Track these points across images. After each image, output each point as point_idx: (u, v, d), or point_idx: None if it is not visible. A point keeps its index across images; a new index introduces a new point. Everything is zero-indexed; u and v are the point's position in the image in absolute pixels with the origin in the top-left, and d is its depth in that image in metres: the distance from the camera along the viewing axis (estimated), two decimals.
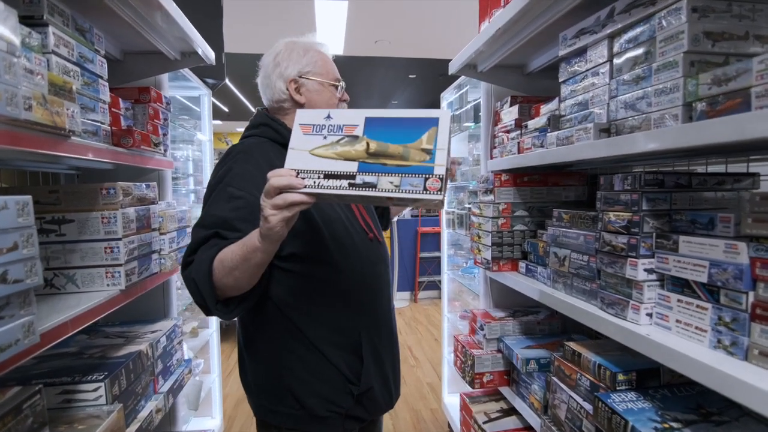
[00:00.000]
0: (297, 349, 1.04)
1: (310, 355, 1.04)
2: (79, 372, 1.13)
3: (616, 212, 1.00)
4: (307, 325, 1.04)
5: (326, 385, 1.05)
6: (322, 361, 1.04)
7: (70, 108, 0.92)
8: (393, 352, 1.18)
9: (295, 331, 1.04)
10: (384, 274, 1.16)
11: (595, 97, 1.06)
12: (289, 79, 1.10)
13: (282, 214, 0.76)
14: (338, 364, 1.05)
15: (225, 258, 0.87)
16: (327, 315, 1.05)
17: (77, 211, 1.15)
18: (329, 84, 1.12)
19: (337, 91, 1.14)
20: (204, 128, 2.37)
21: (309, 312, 1.04)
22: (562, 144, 1.15)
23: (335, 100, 1.13)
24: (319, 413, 1.04)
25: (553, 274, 1.28)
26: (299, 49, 1.12)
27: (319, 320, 1.04)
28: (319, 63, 1.12)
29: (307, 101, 1.11)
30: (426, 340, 4.16)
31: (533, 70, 1.62)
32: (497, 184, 1.50)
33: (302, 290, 1.03)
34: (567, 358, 1.21)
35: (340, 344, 1.06)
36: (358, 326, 1.07)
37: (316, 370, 1.04)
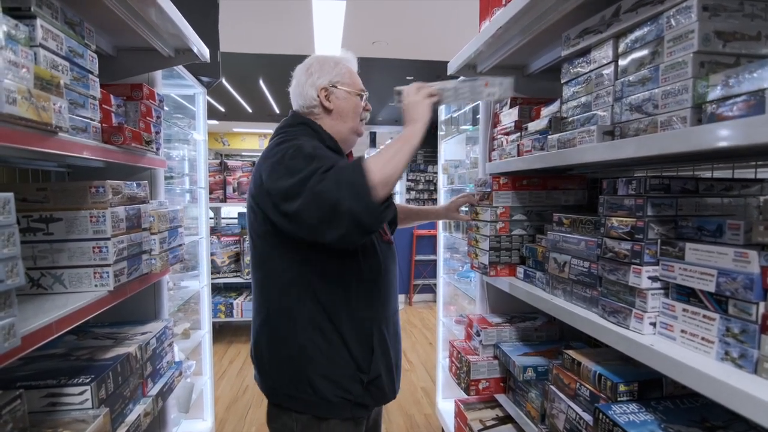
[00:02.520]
0: (321, 333, 1.12)
1: (331, 341, 1.12)
2: (65, 374, 1.09)
3: (620, 218, 0.97)
4: (335, 311, 1.12)
5: (340, 371, 1.13)
6: (341, 347, 1.13)
7: (57, 103, 0.89)
8: (397, 346, 1.28)
9: (322, 316, 1.12)
10: (395, 273, 1.27)
11: (599, 98, 1.04)
12: (320, 88, 1.21)
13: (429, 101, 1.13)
14: (354, 352, 1.14)
15: (379, 157, 1.01)
16: (352, 304, 1.14)
17: (65, 209, 1.11)
18: (355, 93, 1.24)
19: (361, 100, 1.26)
20: (198, 127, 2.34)
21: (337, 300, 1.13)
22: (564, 147, 1.12)
23: (360, 108, 1.26)
24: (331, 399, 1.12)
25: (553, 280, 1.26)
26: (331, 62, 1.25)
27: (345, 308, 1.13)
28: (347, 75, 1.25)
29: (335, 108, 1.23)
30: (420, 343, 4.13)
31: (533, 71, 1.60)
32: (496, 187, 1.48)
33: (336, 278, 1.12)
34: (566, 366, 1.18)
35: (357, 333, 1.14)
36: (372, 318, 1.17)
37: (333, 355, 1.12)
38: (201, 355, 2.44)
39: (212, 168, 3.91)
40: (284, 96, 6.73)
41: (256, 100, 8.27)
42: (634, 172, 1.43)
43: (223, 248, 3.98)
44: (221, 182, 3.98)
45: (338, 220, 0.95)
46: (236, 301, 4.07)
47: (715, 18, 0.79)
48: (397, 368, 1.26)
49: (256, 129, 11.81)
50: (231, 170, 4.00)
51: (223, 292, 4.37)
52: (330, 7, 4.05)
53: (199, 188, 2.46)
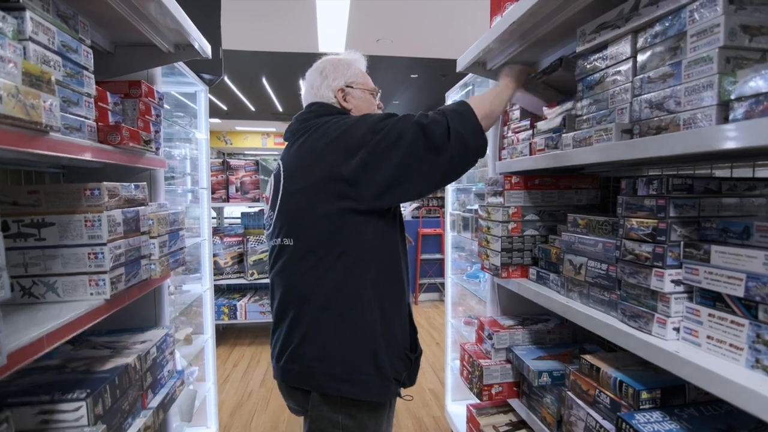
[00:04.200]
0: (383, 312, 1.16)
1: (390, 320, 1.17)
2: (59, 389, 1.04)
3: (640, 219, 0.92)
4: (393, 291, 1.18)
5: (395, 350, 1.18)
6: (397, 325, 1.19)
7: (48, 101, 0.84)
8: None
9: (384, 296, 1.16)
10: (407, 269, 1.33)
11: (616, 95, 0.98)
12: (337, 89, 1.25)
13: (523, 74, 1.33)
14: (405, 330, 1.22)
15: (480, 97, 1.19)
16: (401, 285, 1.21)
17: (59, 213, 1.06)
18: (370, 92, 1.29)
19: (375, 98, 1.31)
20: (200, 125, 2.30)
21: (394, 280, 1.19)
22: (580, 145, 1.07)
23: (374, 106, 1.30)
24: (389, 377, 1.15)
25: (568, 283, 1.20)
26: (344, 63, 1.28)
27: (393, 287, 1.19)
28: (360, 75, 1.29)
29: (354, 107, 1.26)
30: (427, 344, 4.08)
31: None
32: (507, 186, 1.43)
33: (386, 259, 1.18)
34: (584, 372, 1.13)
35: (402, 313, 1.22)
36: (407, 300, 1.26)
37: (391, 334, 1.17)
38: (204, 360, 2.40)
39: (215, 167, 3.87)
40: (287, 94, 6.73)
41: (259, 99, 8.24)
42: (646, 170, 1.38)
43: (226, 249, 3.94)
44: (224, 182, 3.95)
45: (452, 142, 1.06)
46: (240, 303, 4.03)
47: (741, 12, 0.74)
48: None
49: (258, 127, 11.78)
50: (234, 169, 3.96)
51: (226, 293, 4.33)
52: (334, 5, 4.00)
53: (201, 189, 2.42)
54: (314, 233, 1.13)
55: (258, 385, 3.28)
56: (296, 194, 1.15)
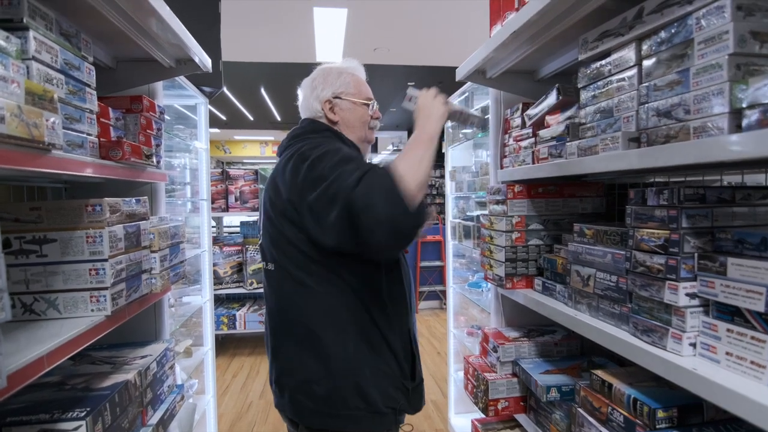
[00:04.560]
0: (369, 342, 1.10)
1: (380, 350, 1.11)
2: (59, 407, 1.02)
3: (650, 229, 0.91)
4: (382, 318, 1.12)
5: (387, 380, 1.12)
6: (389, 355, 1.12)
7: (50, 119, 0.83)
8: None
9: (370, 324, 1.11)
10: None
11: (622, 103, 0.98)
12: (324, 101, 1.20)
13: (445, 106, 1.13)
14: (400, 359, 1.14)
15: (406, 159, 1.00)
16: (395, 310, 1.14)
17: (60, 229, 1.05)
18: (361, 103, 1.22)
19: (369, 109, 1.24)
20: (200, 137, 2.29)
21: (384, 307, 1.12)
22: (585, 154, 1.06)
23: (368, 117, 1.24)
24: (382, 409, 1.10)
25: (575, 294, 1.19)
26: (334, 72, 1.23)
27: (390, 314, 1.13)
28: (351, 84, 1.22)
29: (341, 119, 1.21)
30: (428, 353, 4.04)
31: (544, 76, 1.55)
32: (510, 195, 1.42)
33: (381, 285, 1.12)
34: (595, 388, 1.11)
35: (401, 340, 1.16)
36: (409, 323, 1.19)
37: (381, 364, 1.11)
38: (204, 372, 2.38)
39: (214, 177, 3.86)
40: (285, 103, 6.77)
41: (258, 108, 8.26)
42: (651, 177, 1.37)
43: (225, 258, 3.91)
44: (223, 191, 3.93)
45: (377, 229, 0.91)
46: (239, 313, 4.00)
47: (750, 18, 0.74)
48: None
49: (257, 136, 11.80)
50: (233, 179, 3.95)
51: (225, 303, 4.30)
52: (331, 15, 4.02)
53: (201, 200, 2.41)
54: (288, 258, 1.11)
55: (258, 397, 3.24)
56: (270, 218, 1.15)
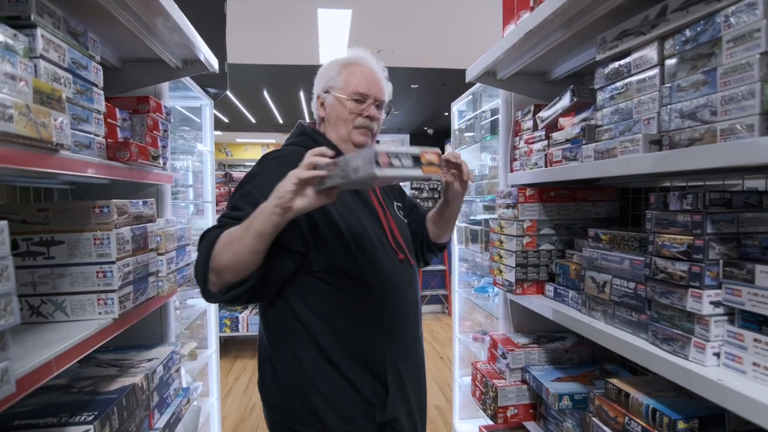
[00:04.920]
0: (318, 363, 1.03)
1: (329, 372, 1.03)
2: (66, 410, 1.01)
3: (672, 235, 0.89)
4: (326, 339, 1.03)
5: (347, 405, 1.03)
6: (340, 379, 1.03)
7: (58, 119, 0.81)
8: (419, 384, 1.15)
9: (314, 344, 1.03)
10: (413, 298, 1.13)
11: (642, 104, 0.96)
12: (316, 96, 1.16)
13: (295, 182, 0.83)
14: (359, 386, 1.04)
15: (228, 233, 0.91)
16: (349, 333, 1.03)
17: (68, 231, 1.03)
18: (346, 98, 1.11)
19: (356, 105, 1.11)
20: (205, 139, 2.27)
21: (330, 326, 1.03)
22: (602, 157, 1.04)
23: (346, 114, 1.11)
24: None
25: (590, 301, 1.17)
26: (333, 65, 1.15)
27: (339, 336, 1.03)
28: (342, 78, 1.12)
29: (327, 115, 1.14)
30: (431, 358, 4.02)
31: (556, 77, 1.53)
32: (521, 199, 1.40)
33: (327, 303, 1.03)
34: (611, 397, 1.08)
35: (363, 366, 1.04)
36: (383, 351, 1.06)
37: (337, 387, 1.03)
38: (208, 375, 2.35)
39: (217, 180, 3.86)
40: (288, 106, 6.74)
41: (260, 111, 8.25)
42: (669, 181, 1.35)
43: None
44: (226, 194, 3.93)
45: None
46: (242, 315, 3.99)
47: None
48: (421, 410, 1.14)
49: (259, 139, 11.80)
50: (236, 181, 3.94)
51: (227, 305, 4.28)
52: (335, 16, 4.01)
53: (205, 202, 2.39)
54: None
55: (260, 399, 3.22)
56: None
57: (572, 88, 1.22)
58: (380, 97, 1.14)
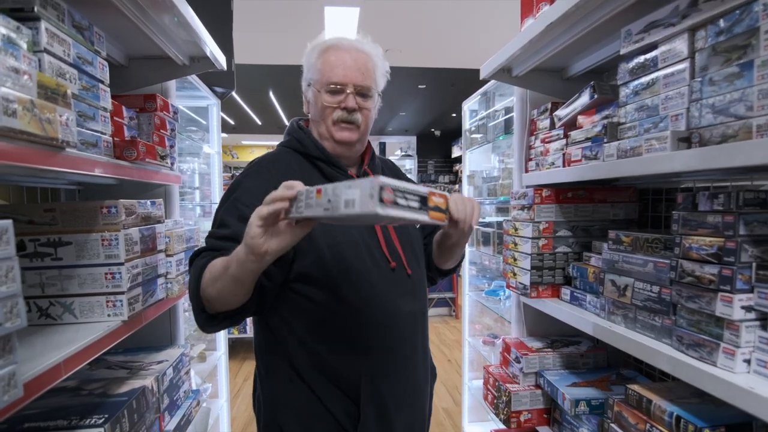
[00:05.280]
0: (290, 378, 0.96)
1: (300, 388, 0.95)
2: (76, 413, 0.99)
3: (701, 237, 0.85)
4: (299, 354, 0.95)
5: (318, 425, 0.94)
6: (311, 397, 0.94)
7: (64, 115, 0.79)
8: (413, 413, 0.99)
9: (287, 358, 0.96)
10: (408, 310, 0.98)
11: (669, 100, 0.91)
12: (303, 90, 1.06)
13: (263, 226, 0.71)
14: (331, 406, 0.94)
15: (213, 267, 0.83)
16: (322, 348, 0.94)
17: (75, 232, 1.01)
18: (321, 91, 0.99)
19: (332, 97, 0.98)
20: (212, 140, 2.25)
21: (301, 340, 0.95)
22: (626, 156, 1.00)
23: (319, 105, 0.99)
24: None
25: (610, 305, 1.13)
26: (313, 52, 1.03)
27: (310, 351, 0.94)
28: (318, 67, 1.00)
29: (310, 112, 1.06)
30: (438, 360, 3.98)
31: (574, 74, 1.48)
32: (537, 200, 1.36)
33: (299, 315, 0.94)
34: (631, 403, 1.04)
35: (336, 384, 0.94)
36: (357, 369, 0.93)
37: (306, 405, 0.95)
38: (217, 377, 2.34)
39: (224, 182, 3.84)
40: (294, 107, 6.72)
41: (266, 112, 8.24)
42: (691, 182, 1.30)
43: None
44: None
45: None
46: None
47: None
48: None
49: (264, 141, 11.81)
50: None
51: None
52: (343, 14, 3.99)
53: (213, 204, 2.37)
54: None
55: None
56: None
57: (593, 85, 1.18)
58: (362, 82, 0.97)
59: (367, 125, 1.03)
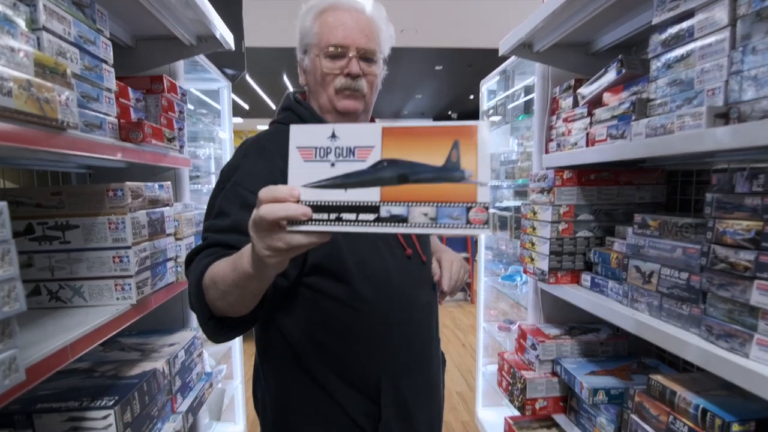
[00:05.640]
0: (301, 381, 0.88)
1: (313, 391, 0.87)
2: (88, 395, 1.00)
3: (737, 220, 0.78)
4: (312, 355, 0.86)
5: (335, 429, 0.87)
6: (325, 400, 0.86)
7: (63, 94, 0.77)
8: (432, 408, 0.95)
9: (297, 360, 0.87)
10: (425, 300, 0.93)
11: (706, 73, 0.84)
12: (298, 59, 0.95)
13: (279, 257, 0.56)
14: (349, 409, 0.86)
15: (217, 278, 0.67)
16: (338, 346, 0.86)
17: (82, 215, 1.01)
18: (320, 56, 0.87)
19: (333, 62, 0.87)
20: (224, 124, 2.23)
21: (314, 340, 0.86)
22: (656, 134, 0.93)
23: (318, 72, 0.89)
24: None
25: (633, 292, 1.07)
26: (309, 13, 0.92)
27: (327, 351, 0.86)
28: (315, 30, 0.89)
29: (308, 82, 0.94)
30: (453, 345, 3.97)
31: (599, 48, 1.40)
32: (558, 183, 1.29)
33: (311, 313, 0.86)
34: (653, 395, 1.00)
35: (353, 384, 0.86)
36: (378, 368, 0.87)
37: (320, 409, 0.87)
38: (232, 358, 2.36)
39: None
40: None
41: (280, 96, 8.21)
42: (722, 163, 1.22)
43: None
44: None
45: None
46: None
47: None
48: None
49: None
50: None
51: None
52: None
53: None
54: None
55: None
56: None
57: (620, 59, 1.10)
58: (365, 45, 0.87)
59: (372, 94, 0.93)
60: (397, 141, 0.55)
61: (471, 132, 0.53)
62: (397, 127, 0.55)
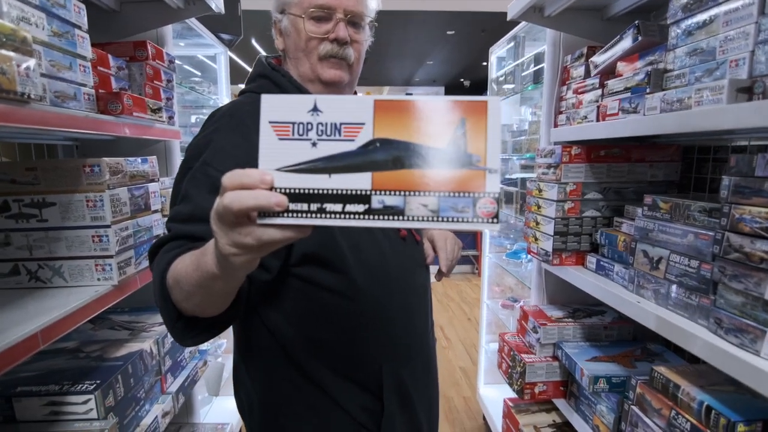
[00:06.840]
0: (291, 380, 0.81)
1: (306, 389, 0.81)
2: (70, 378, 0.98)
3: (757, 207, 0.71)
4: (305, 351, 0.79)
5: (332, 428, 0.82)
6: (320, 397, 0.80)
7: (23, 64, 0.71)
8: (429, 392, 0.91)
9: (287, 356, 0.80)
10: (420, 284, 0.88)
11: (729, 42, 0.75)
12: (274, 19, 0.85)
13: (247, 256, 0.46)
14: (346, 405, 0.80)
15: (179, 277, 0.58)
16: (334, 340, 0.80)
17: (59, 192, 0.97)
18: (302, 18, 0.78)
19: (317, 25, 0.79)
20: (220, 91, 2.15)
21: (306, 333, 0.79)
22: (671, 109, 0.85)
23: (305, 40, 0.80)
24: None
25: (639, 278, 1.01)
26: None
27: (321, 346, 0.80)
28: None
29: (286, 47, 0.85)
30: (458, 319, 3.97)
31: (616, 13, 1.28)
32: (565, 159, 1.21)
33: (302, 306, 0.78)
34: (656, 387, 0.95)
35: (350, 378, 0.81)
36: (379, 356, 0.81)
37: (314, 408, 0.81)
38: (231, 332, 2.38)
39: None
40: None
41: None
42: (742, 140, 1.12)
43: None
44: None
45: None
46: None
47: None
48: (432, 425, 0.92)
49: None
50: None
51: None
52: None
53: None
54: None
55: None
56: None
57: (637, 24, 1.00)
58: (354, 7, 0.79)
59: (359, 63, 0.84)
60: (391, 117, 0.46)
61: (480, 109, 0.44)
62: (391, 100, 0.46)
